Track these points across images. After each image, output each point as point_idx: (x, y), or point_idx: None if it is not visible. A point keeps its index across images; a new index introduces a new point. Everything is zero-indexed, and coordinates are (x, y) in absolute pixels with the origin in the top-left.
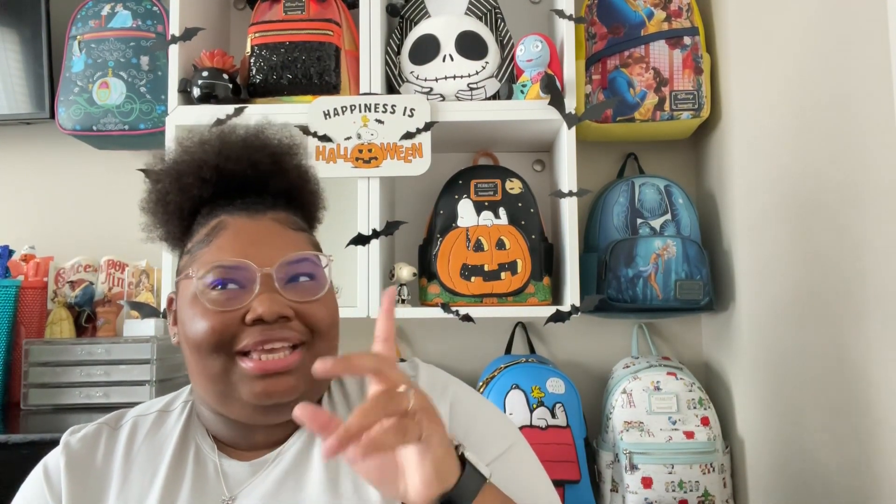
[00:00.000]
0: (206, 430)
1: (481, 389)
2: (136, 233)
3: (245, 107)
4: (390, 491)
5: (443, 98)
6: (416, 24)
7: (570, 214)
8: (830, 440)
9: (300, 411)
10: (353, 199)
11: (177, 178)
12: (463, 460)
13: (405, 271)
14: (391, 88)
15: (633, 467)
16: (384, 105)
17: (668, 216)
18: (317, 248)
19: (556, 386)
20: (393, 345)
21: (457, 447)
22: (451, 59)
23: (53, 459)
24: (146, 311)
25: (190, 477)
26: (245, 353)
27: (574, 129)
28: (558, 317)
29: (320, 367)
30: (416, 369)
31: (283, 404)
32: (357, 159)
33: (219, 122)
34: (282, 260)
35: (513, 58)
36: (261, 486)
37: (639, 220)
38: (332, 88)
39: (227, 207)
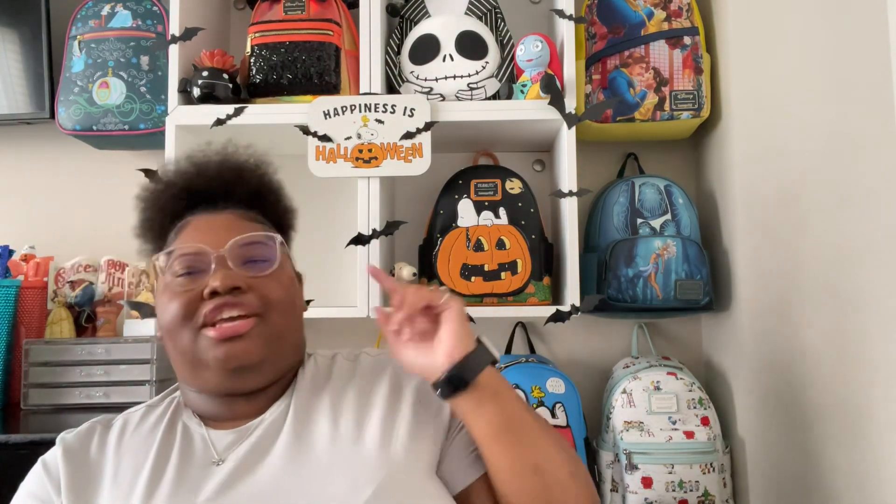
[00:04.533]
0: (192, 411)
1: None
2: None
3: (245, 107)
4: (427, 367)
5: (443, 98)
6: (416, 24)
7: (570, 214)
8: (830, 440)
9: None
10: (353, 199)
11: (154, 203)
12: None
13: (405, 271)
14: (391, 88)
15: (633, 467)
16: (384, 105)
17: (668, 216)
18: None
19: (556, 386)
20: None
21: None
22: (451, 58)
23: (51, 454)
24: (146, 311)
25: (178, 448)
26: (208, 325)
27: (574, 129)
28: (558, 317)
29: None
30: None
31: (246, 368)
32: (357, 159)
33: (219, 121)
34: (233, 241)
35: (513, 58)
36: (245, 447)
37: (639, 220)
38: (332, 88)
39: (194, 211)
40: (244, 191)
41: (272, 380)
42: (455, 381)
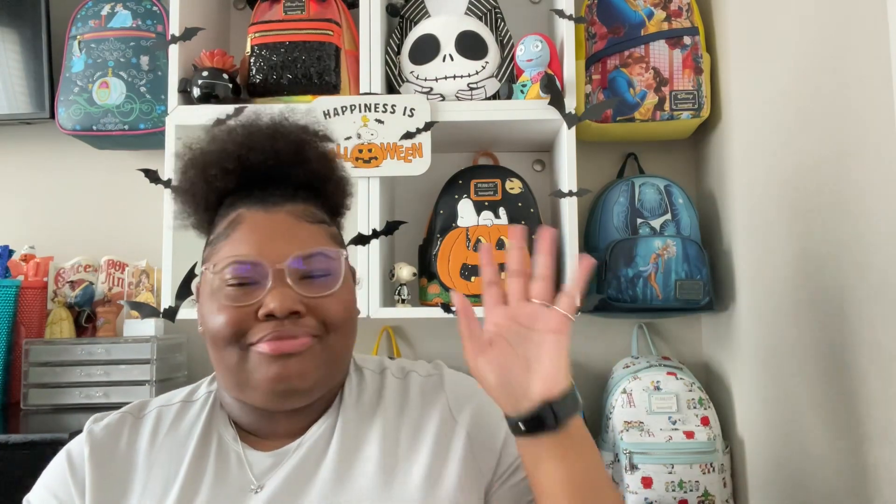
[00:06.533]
0: (229, 418)
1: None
2: (136, 233)
3: (245, 107)
4: (510, 391)
5: (443, 98)
6: (416, 23)
7: (570, 214)
8: (830, 440)
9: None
10: (353, 199)
11: (202, 170)
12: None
13: (405, 271)
14: (391, 88)
15: (633, 467)
16: (384, 105)
17: (668, 216)
18: (336, 240)
19: None
20: (550, 285)
21: None
22: (451, 58)
23: (77, 447)
24: (146, 311)
25: (212, 468)
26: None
27: (574, 129)
28: None
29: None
30: (440, 368)
31: (296, 392)
32: (357, 159)
33: (218, 121)
34: (294, 255)
35: (513, 58)
36: (284, 472)
37: (639, 220)
38: (332, 88)
39: (247, 200)
40: (304, 175)
41: (318, 398)
42: (547, 419)
